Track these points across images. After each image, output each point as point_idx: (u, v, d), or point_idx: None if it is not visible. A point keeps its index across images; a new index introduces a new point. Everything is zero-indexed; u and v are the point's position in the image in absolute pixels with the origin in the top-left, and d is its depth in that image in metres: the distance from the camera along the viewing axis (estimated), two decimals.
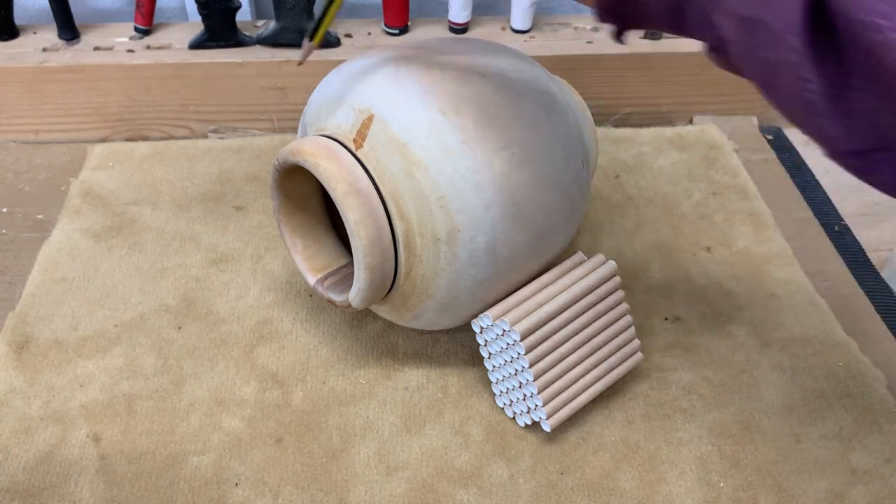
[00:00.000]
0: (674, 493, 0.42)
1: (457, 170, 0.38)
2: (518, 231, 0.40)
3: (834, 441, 0.45)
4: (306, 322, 0.51)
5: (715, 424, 0.45)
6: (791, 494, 0.42)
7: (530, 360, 0.41)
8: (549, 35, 0.70)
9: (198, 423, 0.44)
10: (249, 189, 0.61)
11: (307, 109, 0.45)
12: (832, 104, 0.28)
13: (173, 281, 0.53)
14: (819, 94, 0.28)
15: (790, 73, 0.29)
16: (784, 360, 0.49)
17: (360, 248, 0.39)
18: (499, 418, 0.45)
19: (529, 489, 0.42)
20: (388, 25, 0.69)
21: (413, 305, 0.43)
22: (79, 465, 0.42)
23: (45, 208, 0.59)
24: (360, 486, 0.42)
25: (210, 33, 0.65)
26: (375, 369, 0.48)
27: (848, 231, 0.60)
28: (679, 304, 0.53)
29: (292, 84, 0.66)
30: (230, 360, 0.48)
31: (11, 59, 0.64)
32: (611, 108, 0.69)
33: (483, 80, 0.40)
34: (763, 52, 0.29)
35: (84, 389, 0.46)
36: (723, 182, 0.63)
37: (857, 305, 0.53)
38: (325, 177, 0.39)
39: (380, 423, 0.45)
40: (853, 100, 0.28)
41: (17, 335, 0.49)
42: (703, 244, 0.57)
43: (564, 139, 0.42)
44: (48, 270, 0.53)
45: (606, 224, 0.59)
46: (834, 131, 0.29)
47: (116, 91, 0.65)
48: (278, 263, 0.55)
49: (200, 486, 0.42)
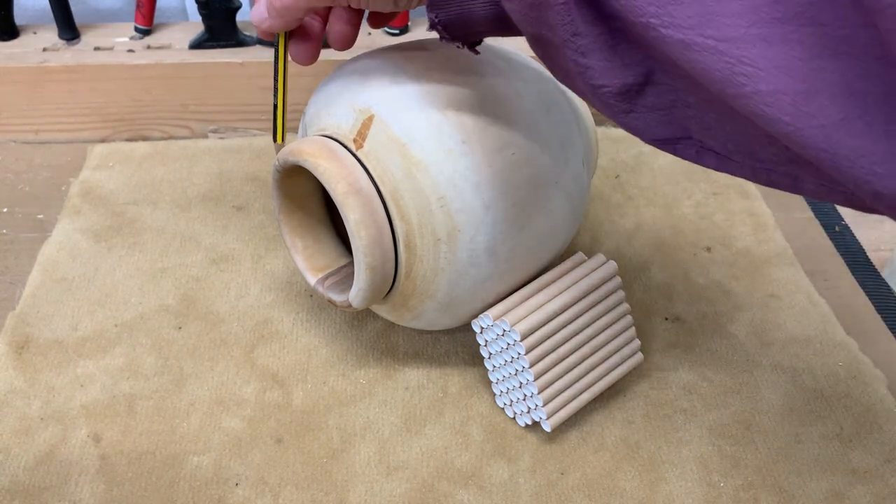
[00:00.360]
0: (674, 493, 0.42)
1: (457, 170, 0.38)
2: (518, 231, 0.40)
3: (834, 441, 0.45)
4: (306, 322, 0.51)
5: (715, 424, 0.45)
6: (791, 494, 0.42)
7: (530, 360, 0.41)
8: None
9: (198, 423, 0.44)
10: (249, 189, 0.61)
11: (307, 109, 0.45)
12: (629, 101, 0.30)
13: (173, 281, 0.53)
14: (614, 96, 0.29)
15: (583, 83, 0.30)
16: (784, 360, 0.49)
17: (360, 248, 0.39)
18: (499, 418, 0.45)
19: (529, 489, 0.42)
20: (389, 25, 0.69)
21: (413, 305, 0.43)
22: (79, 465, 0.42)
23: (45, 208, 0.59)
24: (360, 486, 0.42)
25: (210, 33, 0.65)
26: (375, 369, 0.48)
27: (848, 231, 0.60)
28: (679, 304, 0.53)
29: (292, 84, 0.66)
30: (230, 360, 0.48)
31: (11, 59, 0.64)
32: None
33: (483, 80, 0.40)
34: (552, 62, 0.31)
35: (84, 389, 0.46)
36: (723, 182, 0.63)
37: (857, 305, 0.53)
38: (325, 177, 0.39)
39: (380, 423, 0.45)
40: (652, 91, 0.29)
41: (17, 335, 0.49)
42: (703, 244, 0.57)
43: (564, 139, 0.42)
44: (48, 270, 0.53)
45: (606, 224, 0.59)
46: (637, 124, 0.30)
47: (116, 91, 0.65)
48: (278, 263, 0.55)
49: (200, 486, 0.42)
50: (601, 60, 0.29)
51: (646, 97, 0.29)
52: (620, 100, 0.29)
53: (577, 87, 0.31)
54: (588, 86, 0.30)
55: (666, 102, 0.29)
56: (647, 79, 0.29)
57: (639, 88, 0.29)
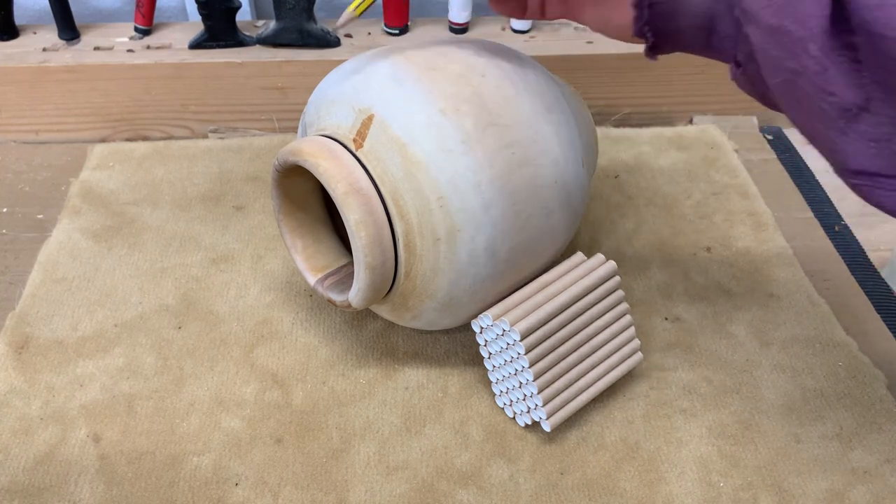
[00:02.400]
0: (674, 493, 0.42)
1: (457, 170, 0.38)
2: (518, 231, 0.40)
3: (834, 441, 0.45)
4: (306, 322, 0.51)
5: (715, 424, 0.45)
6: (791, 494, 0.42)
7: (530, 359, 0.41)
8: (549, 35, 0.70)
9: (198, 423, 0.44)
10: (249, 189, 0.61)
11: (307, 109, 0.45)
12: (847, 120, 0.29)
13: (173, 281, 0.53)
14: (836, 108, 0.28)
15: (809, 83, 0.29)
16: (784, 360, 0.49)
17: (360, 248, 0.39)
18: (499, 418, 0.45)
19: (529, 489, 0.42)
20: (388, 25, 0.69)
21: (413, 305, 0.43)
22: (79, 465, 0.42)
23: (45, 208, 0.59)
24: (360, 486, 0.42)
25: (210, 33, 0.65)
26: (375, 369, 0.48)
27: (848, 231, 0.60)
28: (679, 304, 0.53)
29: (292, 84, 0.66)
30: (230, 360, 0.48)
31: (11, 59, 0.64)
32: (611, 108, 0.69)
33: (483, 80, 0.40)
34: (786, 60, 0.30)
35: (84, 389, 0.46)
36: (723, 182, 0.63)
37: (857, 305, 0.53)
38: (325, 177, 0.39)
39: (380, 423, 0.45)
40: (869, 120, 0.28)
41: (17, 335, 0.49)
42: (703, 244, 0.57)
43: (564, 139, 0.42)
44: (48, 270, 0.53)
45: (606, 224, 0.59)
46: (846, 148, 0.29)
47: (116, 91, 0.65)
48: (278, 263, 0.55)
49: (200, 486, 0.42)
50: (838, 72, 0.28)
51: (860, 123, 0.28)
52: (841, 115, 0.29)
53: (801, 88, 0.30)
54: (817, 89, 0.29)
55: (881, 134, 0.28)
56: (866, 105, 0.28)
57: (857, 112, 0.28)
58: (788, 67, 0.30)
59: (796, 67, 0.30)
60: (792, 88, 0.31)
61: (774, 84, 0.32)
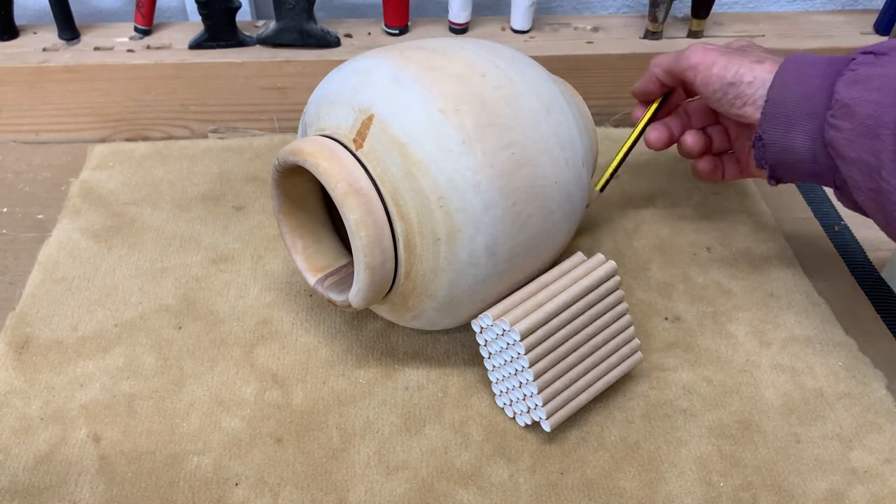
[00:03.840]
0: (674, 493, 0.42)
1: (457, 170, 0.38)
2: (518, 231, 0.40)
3: (834, 441, 0.45)
4: (306, 322, 0.51)
5: (715, 424, 0.45)
6: (791, 494, 0.42)
7: (530, 359, 0.41)
8: (549, 35, 0.70)
9: (198, 423, 0.44)
10: (249, 189, 0.61)
11: (307, 109, 0.45)
12: None
13: (173, 281, 0.53)
14: None
15: (888, 199, 0.39)
16: (784, 360, 0.49)
17: (360, 248, 0.39)
18: (499, 418, 0.45)
19: (529, 489, 0.42)
20: (388, 25, 0.69)
21: (413, 305, 0.43)
22: (79, 465, 0.42)
23: (45, 208, 0.59)
24: (360, 486, 0.42)
25: (210, 33, 0.65)
26: (375, 369, 0.48)
27: (848, 231, 0.60)
28: (679, 304, 0.53)
29: (292, 84, 0.66)
30: (230, 360, 0.48)
31: (11, 59, 0.64)
32: (611, 108, 0.69)
33: (483, 80, 0.40)
34: (867, 182, 0.41)
35: (84, 389, 0.46)
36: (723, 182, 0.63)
37: (857, 305, 0.53)
38: (325, 177, 0.39)
39: (380, 423, 0.45)
40: None
41: (17, 335, 0.49)
42: (703, 244, 0.57)
43: (564, 139, 0.42)
44: (48, 270, 0.53)
45: (606, 224, 0.59)
46: None
47: (116, 91, 0.65)
48: (278, 263, 0.55)
49: (200, 486, 0.42)
50: None
51: None
52: None
53: (881, 203, 0.40)
54: (893, 204, 0.38)
55: None
56: None
57: None
58: (870, 188, 0.40)
59: (874, 188, 0.40)
60: (875, 203, 0.41)
61: (861, 200, 0.42)
